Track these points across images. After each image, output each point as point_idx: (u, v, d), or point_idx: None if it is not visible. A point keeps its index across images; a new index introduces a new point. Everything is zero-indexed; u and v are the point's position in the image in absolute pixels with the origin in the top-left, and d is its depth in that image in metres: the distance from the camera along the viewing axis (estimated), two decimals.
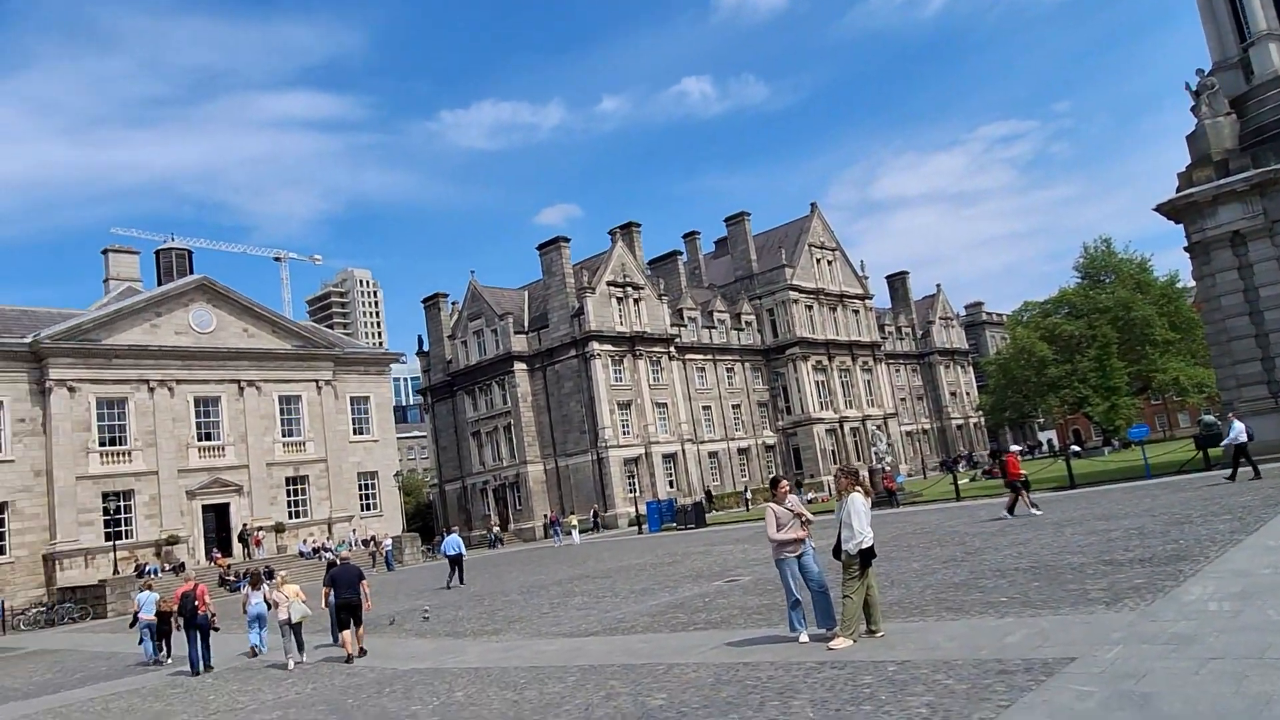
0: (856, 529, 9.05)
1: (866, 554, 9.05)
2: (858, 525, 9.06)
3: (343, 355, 53.32)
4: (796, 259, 73.34)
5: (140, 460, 44.84)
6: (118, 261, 53.76)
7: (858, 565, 9.06)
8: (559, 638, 13.40)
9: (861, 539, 9.00)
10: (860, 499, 9.24)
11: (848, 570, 9.17)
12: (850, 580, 9.08)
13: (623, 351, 59.04)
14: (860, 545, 9.00)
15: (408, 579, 34.79)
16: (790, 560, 9.78)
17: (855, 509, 9.13)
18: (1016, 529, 19.02)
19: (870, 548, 9.10)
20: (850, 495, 9.29)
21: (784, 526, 9.87)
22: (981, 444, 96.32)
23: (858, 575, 9.05)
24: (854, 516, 9.10)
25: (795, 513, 9.80)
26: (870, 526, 9.22)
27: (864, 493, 9.38)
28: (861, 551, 9.03)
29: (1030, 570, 12.41)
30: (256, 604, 16.87)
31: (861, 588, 9.04)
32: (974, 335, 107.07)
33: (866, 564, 9.07)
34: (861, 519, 9.07)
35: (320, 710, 10.39)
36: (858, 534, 9.03)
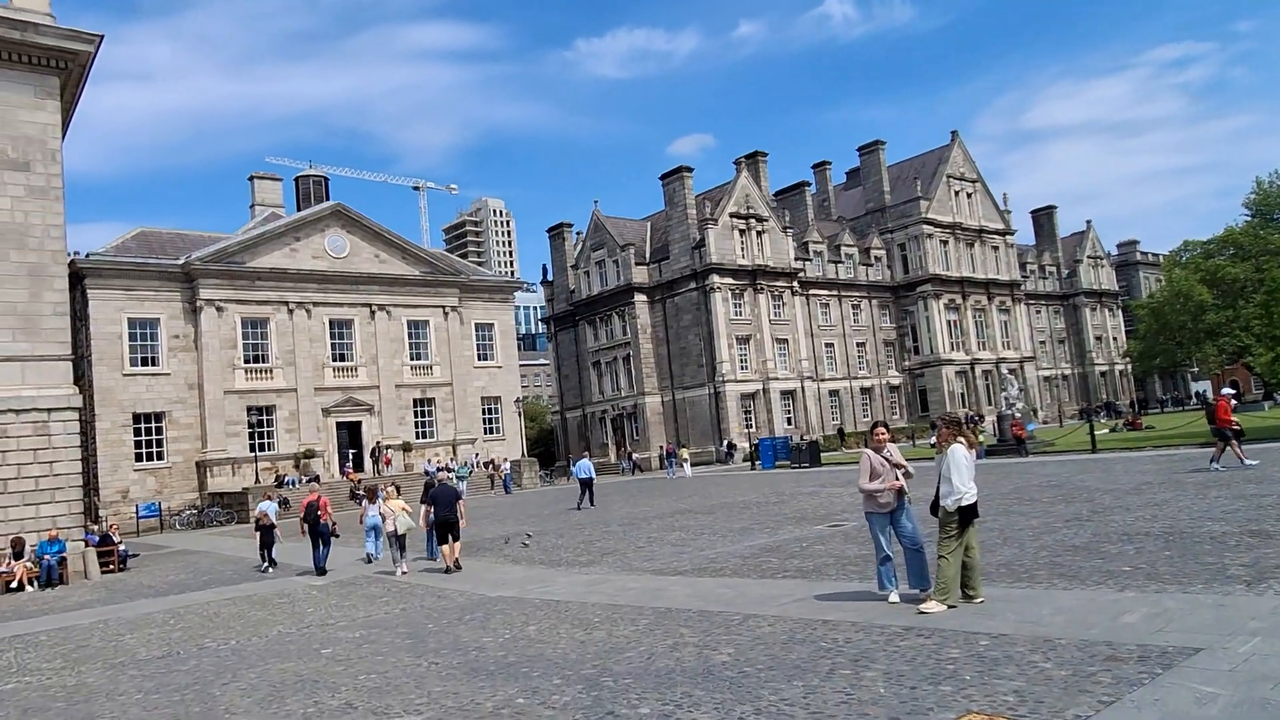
0: (956, 484, 8.20)
1: (966, 512, 8.20)
2: (957, 480, 8.20)
3: (468, 282, 54.40)
4: (933, 191, 69.54)
5: (280, 378, 47.33)
6: (262, 188, 56.13)
7: (956, 524, 8.23)
8: (646, 574, 13.13)
9: (961, 495, 8.15)
10: (962, 451, 8.35)
11: (944, 529, 8.35)
12: (947, 539, 8.26)
13: (743, 285, 57.81)
14: (960, 502, 8.16)
15: (522, 503, 35.61)
16: (881, 514, 9.00)
17: (955, 462, 8.26)
18: (1155, 489, 17.41)
19: (971, 505, 8.23)
20: (951, 446, 8.41)
21: (879, 477, 9.07)
22: (1127, 392, 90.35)
23: (955, 534, 8.22)
24: (954, 470, 8.24)
25: (894, 463, 8.98)
26: (973, 482, 8.33)
27: (967, 444, 8.46)
28: (961, 509, 8.18)
29: (1163, 536, 11.17)
30: (372, 516, 18.64)
31: (960, 548, 8.21)
32: (1125, 276, 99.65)
33: (966, 523, 8.22)
34: (962, 473, 8.20)
35: (400, 634, 10.46)
36: (957, 489, 8.18)
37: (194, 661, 10.08)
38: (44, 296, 22.17)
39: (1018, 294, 76.73)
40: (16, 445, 21.38)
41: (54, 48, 22.43)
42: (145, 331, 44.49)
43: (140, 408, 43.77)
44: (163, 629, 12.90)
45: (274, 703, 7.66)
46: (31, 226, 22.19)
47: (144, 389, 44.07)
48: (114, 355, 43.38)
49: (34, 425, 21.62)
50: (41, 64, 22.60)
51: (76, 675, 9.98)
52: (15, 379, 21.59)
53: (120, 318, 43.78)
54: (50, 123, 22.84)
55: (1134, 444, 32.84)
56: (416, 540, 18.21)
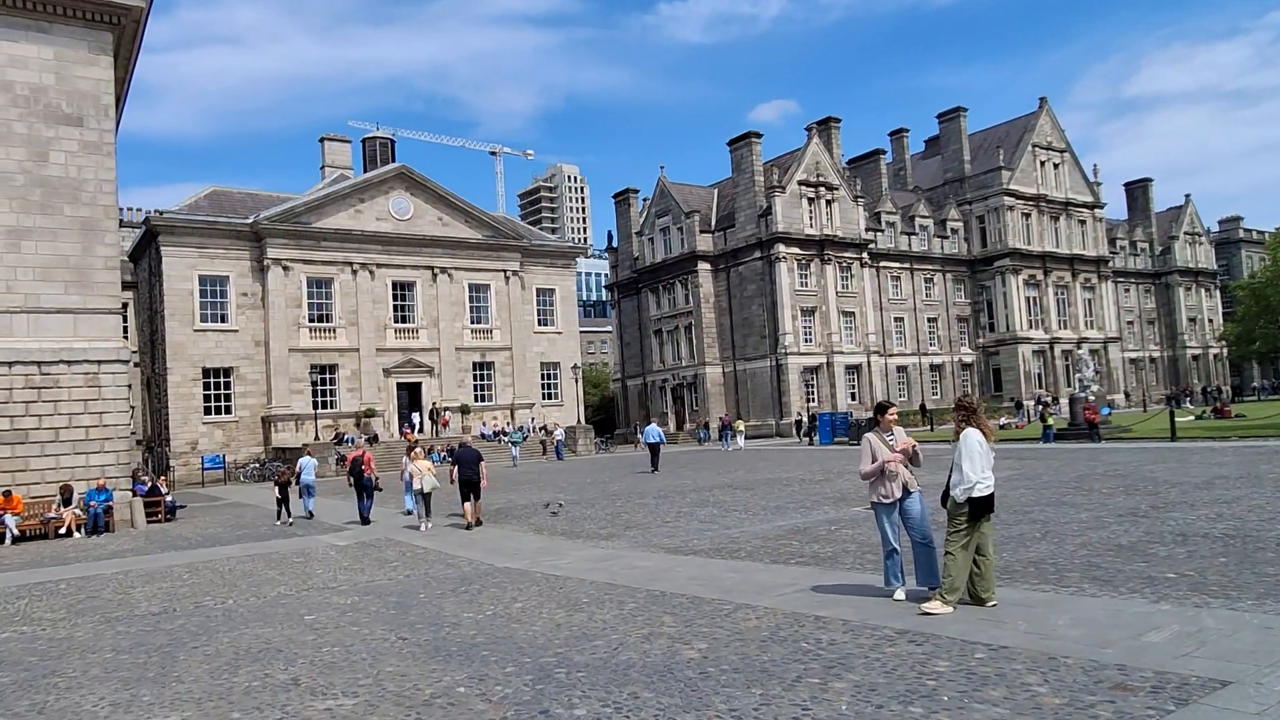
0: (967, 472, 7.31)
1: (979, 504, 7.31)
2: (968, 468, 7.31)
3: (530, 247, 54.16)
4: (1016, 161, 66.33)
5: (343, 337, 47.97)
6: (332, 150, 56.66)
7: (965, 517, 7.35)
8: (660, 552, 12.54)
9: (972, 485, 7.27)
10: (976, 437, 7.43)
11: (953, 522, 7.48)
12: (956, 534, 7.40)
13: (810, 255, 56.16)
14: (970, 492, 7.27)
15: (570, 470, 35.32)
16: (887, 504, 8.13)
17: (968, 449, 7.37)
18: (1229, 483, 15.99)
19: (985, 498, 7.33)
20: (965, 432, 7.50)
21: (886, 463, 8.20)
22: (1221, 378, 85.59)
23: (964, 529, 7.35)
24: (965, 458, 7.35)
25: (900, 447, 8.10)
26: (990, 472, 7.42)
27: (983, 430, 7.53)
28: (971, 500, 7.30)
29: (1223, 539, 10.03)
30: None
31: (970, 544, 7.34)
32: (1226, 255, 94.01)
33: (978, 516, 7.34)
34: (974, 461, 7.30)
35: (389, 603, 10.14)
36: (967, 478, 7.30)
37: (183, 620, 9.96)
38: (95, 250, 22.49)
39: (1104, 271, 72.99)
40: (68, 395, 21.82)
41: (107, 3, 22.53)
42: (215, 288, 45.48)
43: (209, 363, 44.88)
44: (173, 584, 12.89)
45: (227, 673, 7.34)
46: (84, 181, 22.47)
47: (213, 345, 45.15)
48: (185, 311, 44.46)
49: (85, 377, 22.02)
50: (95, 19, 22.75)
51: (70, 628, 9.94)
52: (67, 331, 22.00)
53: (192, 275, 44.79)
54: (104, 78, 23.03)
55: (1218, 433, 30.72)
56: (449, 500, 19.20)
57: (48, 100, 22.27)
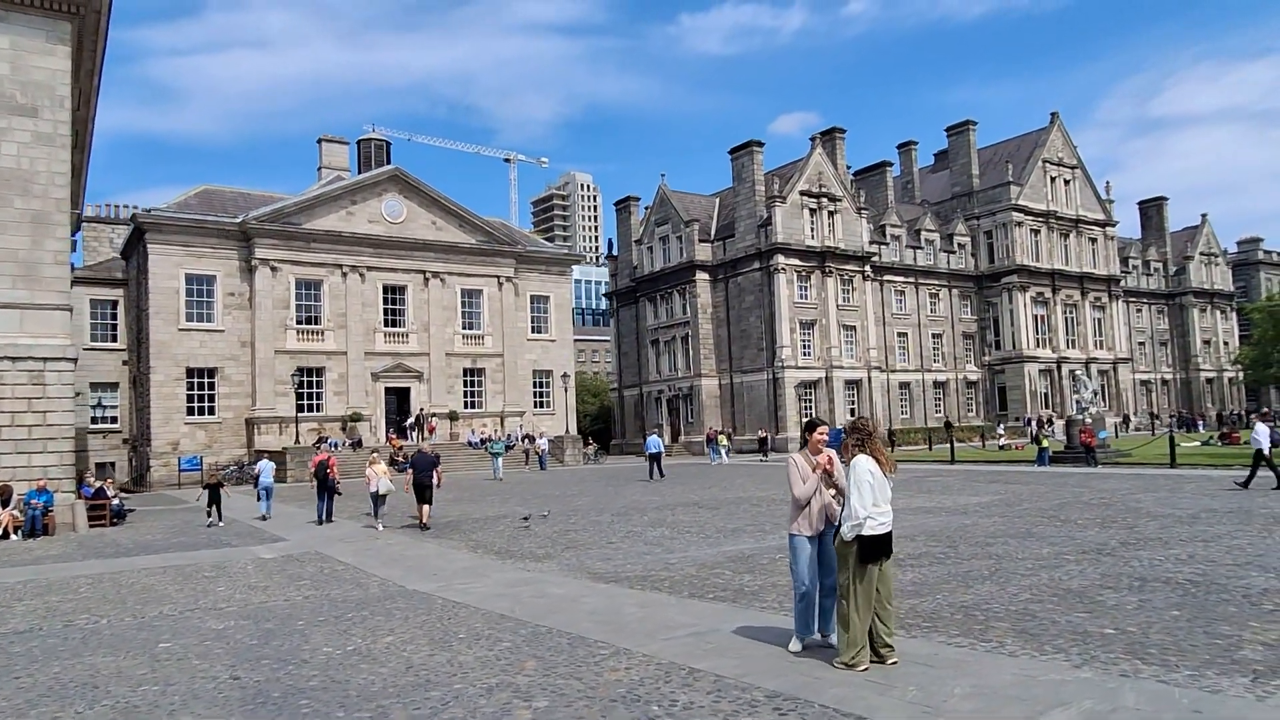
0: (854, 506, 6.28)
1: (868, 545, 6.28)
2: (855, 502, 6.28)
3: (525, 253, 53.34)
4: (1026, 176, 65.01)
5: (331, 340, 47.22)
6: (329, 151, 55.98)
7: (853, 559, 6.33)
8: (583, 579, 11.59)
9: (860, 521, 6.24)
10: (866, 466, 6.40)
11: (842, 565, 6.46)
12: (846, 581, 6.37)
13: (810, 267, 55.01)
14: (859, 530, 6.25)
15: (548, 481, 34.28)
16: (806, 538, 7.01)
17: (856, 479, 6.33)
18: (1217, 517, 14.85)
19: (879, 537, 6.30)
20: (854, 460, 6.45)
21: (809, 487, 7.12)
22: (1235, 402, 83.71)
23: (855, 574, 6.32)
24: (853, 489, 6.32)
25: (825, 469, 6.99)
26: (887, 506, 6.39)
27: (878, 458, 6.50)
28: (860, 540, 6.27)
29: (1184, 587, 8.93)
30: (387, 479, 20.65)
31: (866, 591, 6.30)
32: (1244, 277, 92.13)
33: (868, 558, 6.31)
34: (862, 494, 6.26)
35: (260, 630, 9.28)
36: (854, 514, 6.27)
37: (36, 643, 9.21)
38: (45, 245, 21.76)
39: (1115, 290, 71.46)
40: (11, 393, 21.06)
41: None
42: (201, 288, 44.86)
43: (194, 362, 44.22)
44: (64, 598, 12.12)
45: (13, 715, 6.44)
46: (36, 174, 21.77)
47: (198, 344, 44.49)
48: (170, 310, 43.83)
49: (29, 374, 21.26)
50: (54, 9, 22.06)
51: None
52: (13, 326, 21.25)
53: (178, 273, 44.16)
54: (60, 69, 22.35)
55: (1220, 461, 29.38)
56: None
57: (1, 90, 21.59)
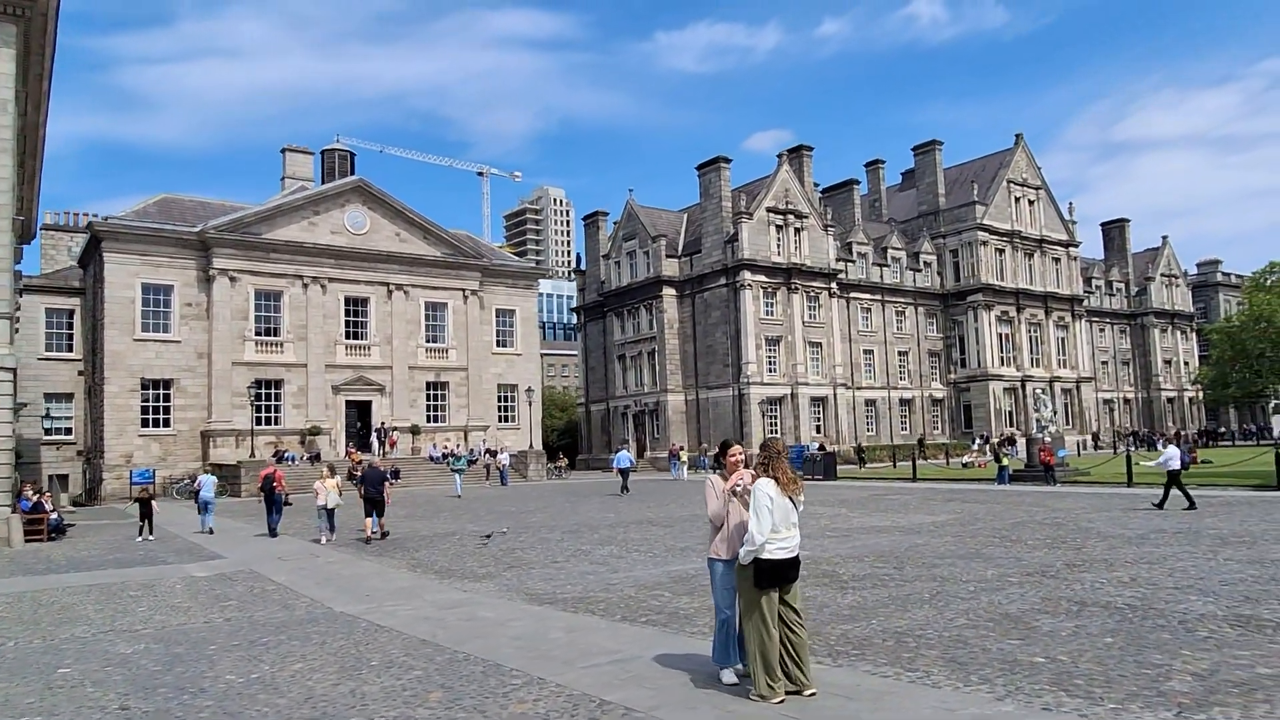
0: (752, 530, 5.98)
1: (766, 570, 5.99)
2: (753, 527, 5.98)
3: (490, 266, 52.95)
4: (991, 196, 65.70)
5: (291, 352, 46.48)
6: (293, 161, 55.31)
7: (750, 585, 6.03)
8: (518, 600, 11.23)
9: (757, 546, 5.94)
10: (765, 489, 6.09)
11: (741, 591, 6.16)
12: (748, 607, 6.06)
13: (776, 284, 55.07)
14: (755, 555, 5.95)
15: (506, 497, 33.78)
16: (725, 561, 6.69)
17: (756, 503, 6.03)
18: (1165, 538, 14.78)
19: (780, 562, 6.00)
20: (756, 482, 6.15)
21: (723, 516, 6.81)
22: (1195, 421, 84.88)
23: (755, 601, 6.01)
24: (753, 513, 6.02)
25: (739, 493, 6.67)
26: (790, 530, 6.08)
27: (779, 480, 6.19)
28: (758, 565, 5.97)
29: (1122, 612, 8.75)
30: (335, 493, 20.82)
31: (768, 618, 5.99)
32: (1204, 298, 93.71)
33: (765, 584, 6.00)
34: (760, 518, 5.96)
35: (168, 655, 8.86)
36: (752, 538, 5.97)
37: None
38: None
39: (1079, 310, 72.30)
40: None
41: None
42: (158, 298, 44.05)
43: (149, 374, 43.36)
44: None
45: None
46: None
47: (154, 355, 43.64)
48: (126, 320, 42.98)
49: None
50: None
51: None
52: None
53: (135, 283, 43.35)
54: (4, 72, 21.73)
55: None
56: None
57: None
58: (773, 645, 5.96)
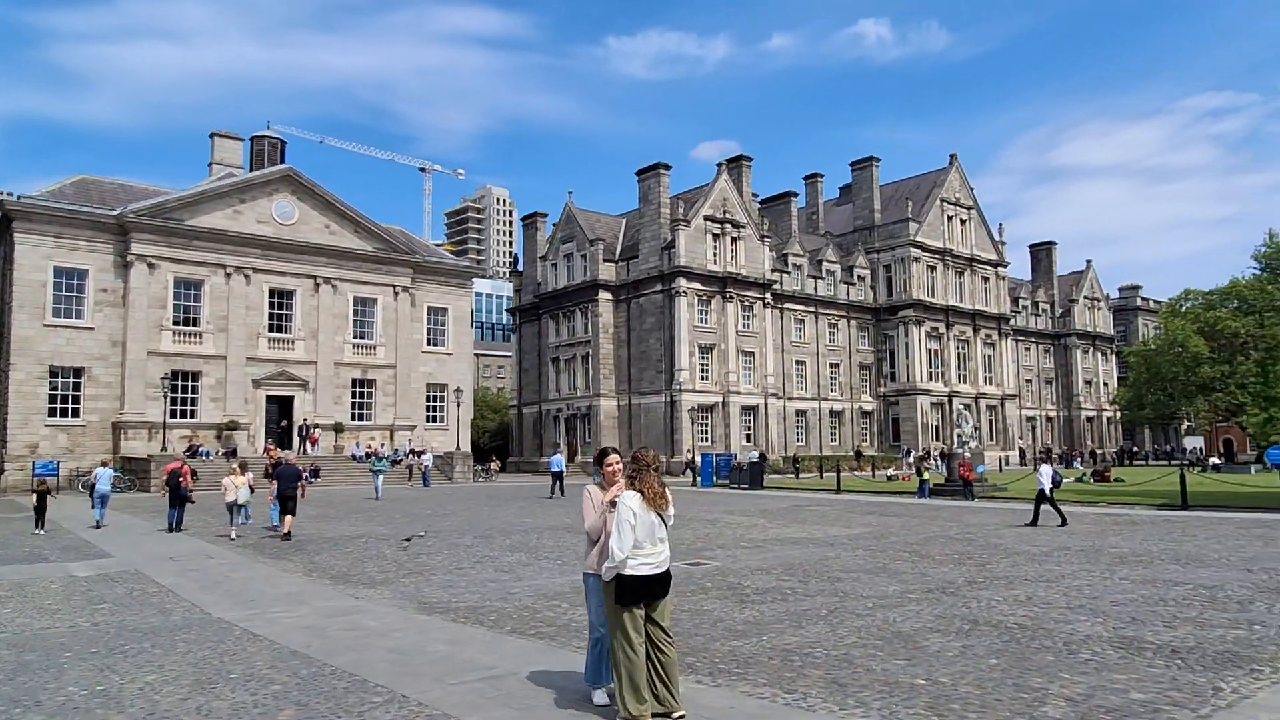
0: (612, 546, 5.71)
1: (627, 587, 5.71)
2: (614, 542, 5.70)
3: (423, 263, 52.01)
4: (924, 214, 66.98)
5: (210, 343, 44.99)
6: (222, 146, 53.47)
7: (613, 602, 5.76)
8: (409, 609, 10.80)
9: (619, 563, 5.66)
10: (629, 503, 5.78)
11: (606, 608, 5.89)
12: (615, 625, 5.78)
13: (711, 292, 55.25)
14: (617, 570, 5.68)
15: (427, 499, 33.07)
16: (598, 575, 6.41)
17: (618, 517, 5.75)
18: (1068, 556, 14.97)
19: (646, 578, 5.73)
20: (622, 497, 5.88)
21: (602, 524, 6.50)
22: (1112, 440, 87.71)
23: (619, 619, 5.73)
24: (615, 527, 5.75)
25: (605, 498, 6.38)
26: (654, 544, 5.79)
27: (645, 492, 5.86)
28: (620, 581, 5.71)
29: (1012, 631, 8.70)
30: (242, 490, 20.65)
31: (632, 637, 5.70)
32: (1124, 321, 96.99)
33: (626, 601, 5.73)
34: (621, 533, 5.67)
35: (16, 664, 8.17)
36: (612, 554, 5.70)
37: None
38: None
39: (1005, 328, 74.13)
40: None
41: None
42: (72, 282, 42.26)
43: (59, 361, 41.55)
44: None
45: None
46: None
47: (64, 342, 41.84)
48: (36, 304, 41.16)
49: None
50: None
51: None
52: None
53: (47, 265, 41.52)
54: None
55: (1088, 498, 30.36)
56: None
57: None
58: (638, 664, 5.68)
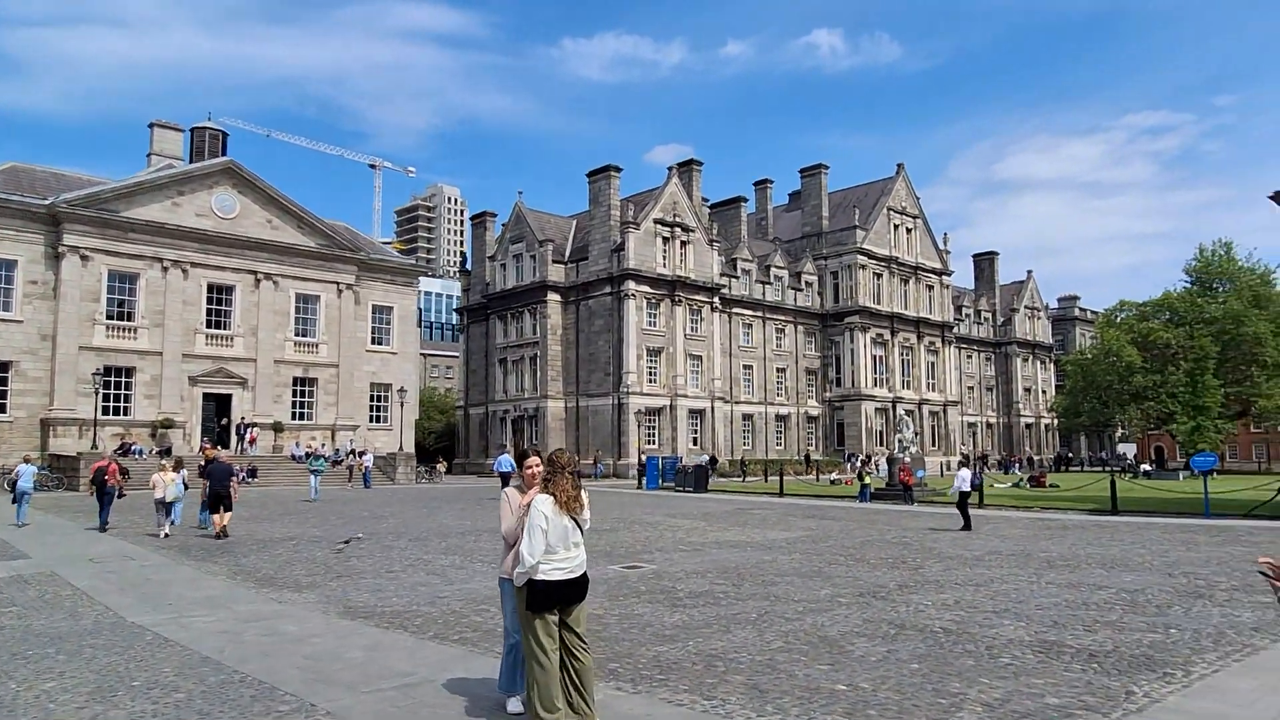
0: (523, 552, 5.57)
1: (539, 593, 5.55)
2: (525, 548, 5.56)
3: (368, 260, 51.22)
4: (871, 222, 67.93)
5: (146, 339, 43.75)
6: (162, 137, 52.12)
7: (525, 608, 5.63)
8: (330, 614, 10.50)
9: (530, 567, 5.50)
10: (542, 507, 5.60)
11: (520, 615, 5.75)
12: (527, 632, 5.64)
13: (661, 295, 55.33)
14: (529, 576, 5.52)
15: (369, 500, 32.52)
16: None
17: (530, 522, 5.58)
18: (999, 559, 15.20)
19: (558, 584, 5.56)
20: (534, 501, 5.73)
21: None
22: (1050, 447, 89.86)
23: (531, 625, 5.59)
24: (526, 532, 5.61)
25: (524, 500, 6.18)
26: (568, 549, 5.62)
27: (558, 496, 5.66)
28: (531, 586, 5.56)
29: (936, 636, 8.76)
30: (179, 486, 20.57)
31: (544, 643, 5.55)
32: (1062, 330, 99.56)
33: (538, 608, 5.56)
34: (532, 539, 5.50)
35: None
36: (523, 560, 5.57)
37: None
38: None
39: (949, 336, 75.50)
40: None
41: None
42: (0, 274, 40.77)
43: None
44: None
45: None
46: None
47: None
48: None
49: None
50: None
51: None
52: None
53: None
54: None
55: (1023, 503, 30.97)
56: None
57: None
58: (551, 672, 5.54)
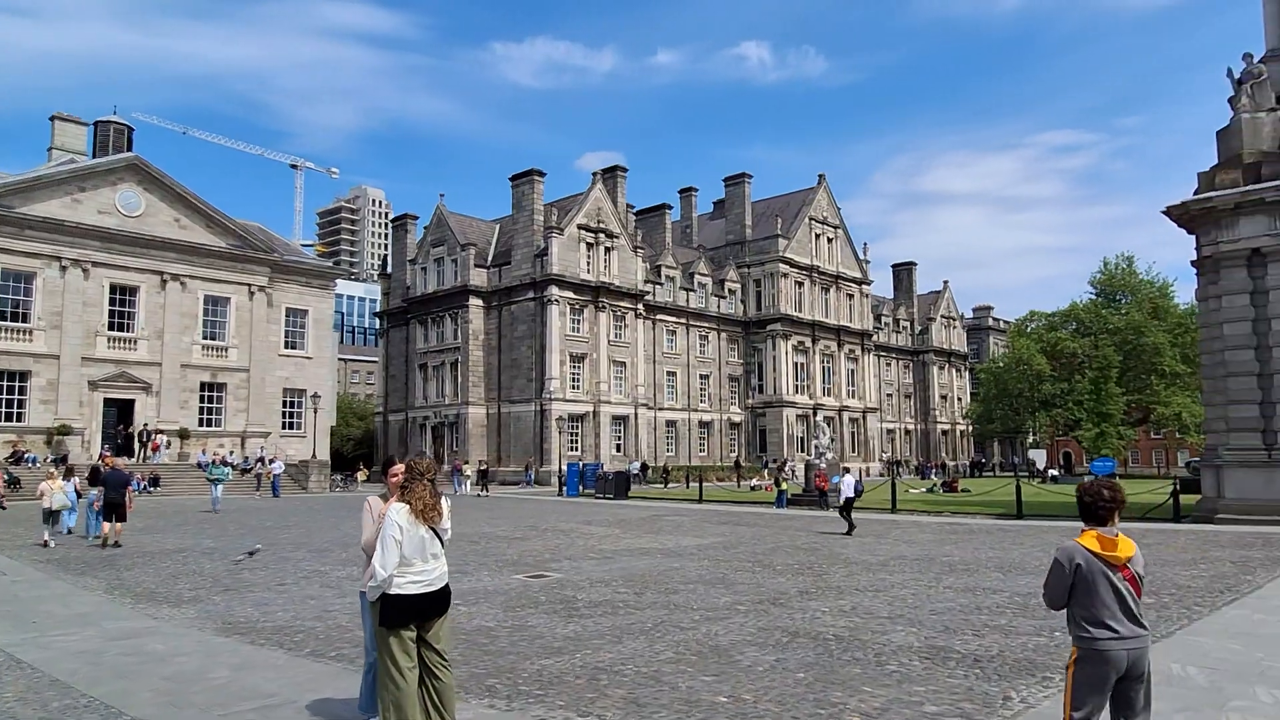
0: (375, 565, 5.28)
1: (392, 608, 5.24)
2: (378, 560, 5.26)
3: (282, 262, 49.69)
4: (793, 231, 68.92)
5: (42, 341, 41.61)
6: (64, 131, 49.79)
7: (379, 624, 5.34)
8: (206, 631, 9.93)
9: (383, 581, 5.18)
10: (397, 517, 5.27)
11: (375, 633, 5.45)
12: (382, 647, 5.33)
13: (584, 301, 55.09)
14: (383, 590, 5.22)
15: (275, 509, 31.44)
16: None
17: (384, 533, 5.27)
18: (903, 564, 15.35)
19: (410, 597, 5.25)
20: (388, 510, 5.44)
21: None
22: (965, 453, 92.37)
23: (385, 641, 5.30)
24: (379, 546, 5.31)
25: (382, 510, 5.84)
26: (426, 561, 5.32)
27: (414, 504, 5.33)
28: (386, 600, 5.25)
29: (828, 644, 8.70)
30: (69, 494, 20.33)
31: (399, 661, 5.25)
32: (977, 339, 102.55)
33: (393, 623, 5.26)
34: (385, 550, 5.19)
35: None
36: (375, 572, 5.26)
37: None
38: None
39: (868, 344, 77.02)
40: None
41: None
42: None
43: None
44: None
45: None
46: None
47: None
48: None
49: None
50: None
51: None
52: None
53: None
54: None
55: (934, 508, 31.64)
56: None
57: None
58: (407, 692, 5.23)
